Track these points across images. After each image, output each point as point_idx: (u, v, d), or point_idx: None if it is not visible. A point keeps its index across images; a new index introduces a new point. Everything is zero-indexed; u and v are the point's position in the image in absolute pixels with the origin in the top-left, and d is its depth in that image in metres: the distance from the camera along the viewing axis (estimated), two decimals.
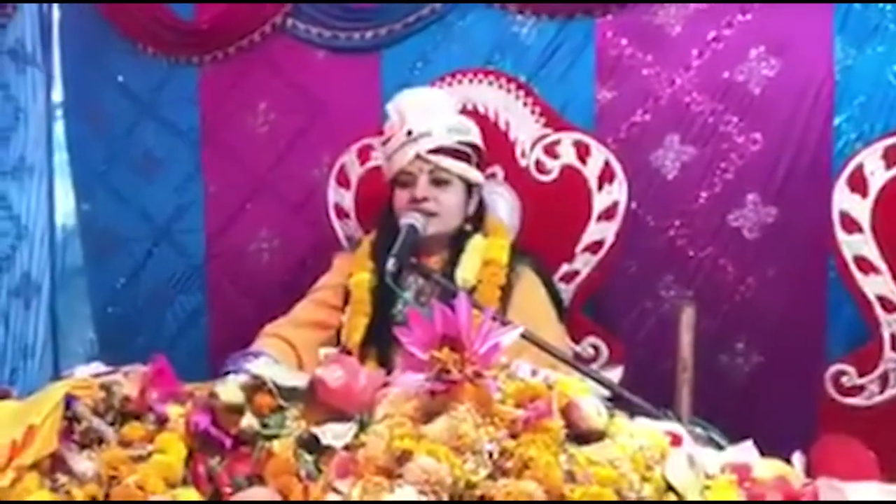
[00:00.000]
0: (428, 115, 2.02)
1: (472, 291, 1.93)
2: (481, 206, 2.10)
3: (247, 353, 1.69)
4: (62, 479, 1.27)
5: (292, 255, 2.82)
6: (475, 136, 2.07)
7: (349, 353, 1.94)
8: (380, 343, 1.95)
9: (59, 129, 3.10)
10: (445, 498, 1.10)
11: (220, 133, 2.89)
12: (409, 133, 1.99)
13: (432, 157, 1.99)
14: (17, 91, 2.89)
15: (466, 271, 1.97)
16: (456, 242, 2.03)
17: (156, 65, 2.91)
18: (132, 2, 2.84)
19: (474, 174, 2.05)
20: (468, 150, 2.04)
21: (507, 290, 1.98)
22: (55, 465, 1.28)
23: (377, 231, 2.10)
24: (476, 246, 2.02)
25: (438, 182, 2.00)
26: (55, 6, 3.01)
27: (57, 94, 3.07)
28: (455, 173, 2.00)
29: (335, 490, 1.17)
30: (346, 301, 2.05)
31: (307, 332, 2.02)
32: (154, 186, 2.97)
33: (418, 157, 1.99)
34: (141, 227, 3.00)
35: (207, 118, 2.90)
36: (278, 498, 1.21)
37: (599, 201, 2.24)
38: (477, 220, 2.07)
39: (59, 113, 3.09)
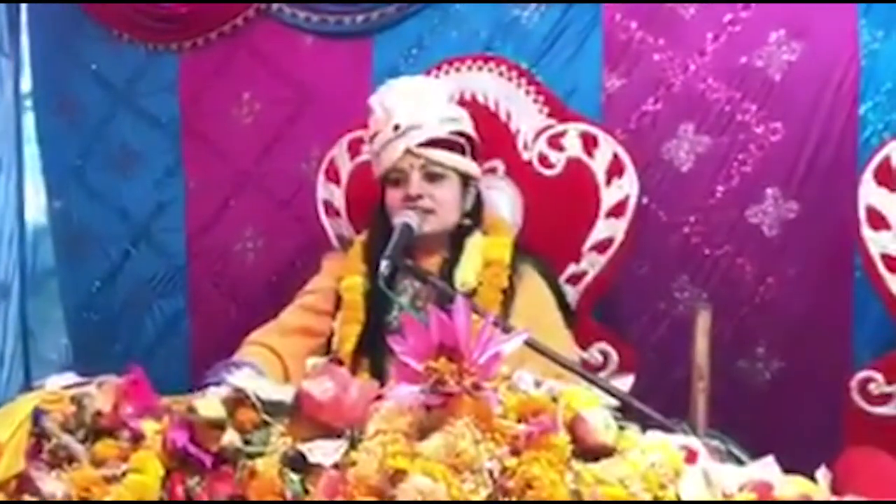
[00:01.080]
0: (415, 105, 2.00)
1: (471, 294, 1.92)
2: (479, 200, 2.09)
3: (229, 364, 1.68)
4: (30, 500, 1.25)
5: (279, 255, 2.81)
6: (467, 125, 2.05)
7: (340, 362, 1.92)
8: (373, 352, 1.94)
9: (28, 121, 3.09)
10: None
11: (202, 125, 2.89)
12: (397, 127, 1.97)
13: (424, 151, 1.97)
14: None
15: (466, 273, 1.96)
16: (454, 241, 2.02)
17: (132, 52, 2.90)
18: None
19: (470, 166, 2.03)
20: (461, 140, 2.02)
21: (509, 293, 1.97)
22: (22, 485, 1.28)
23: (369, 232, 2.09)
24: (476, 245, 2.01)
25: (432, 177, 1.98)
26: None
27: (26, 84, 3.06)
28: (449, 166, 1.99)
29: None
30: (336, 306, 2.03)
31: (295, 340, 2.00)
32: (131, 182, 2.97)
33: (408, 151, 1.97)
34: (117, 225, 3.00)
35: (188, 109, 2.89)
36: None
37: (608, 197, 2.22)
38: (475, 215, 2.06)
39: (28, 104, 3.07)
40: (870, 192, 2.08)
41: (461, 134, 2.03)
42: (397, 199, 1.99)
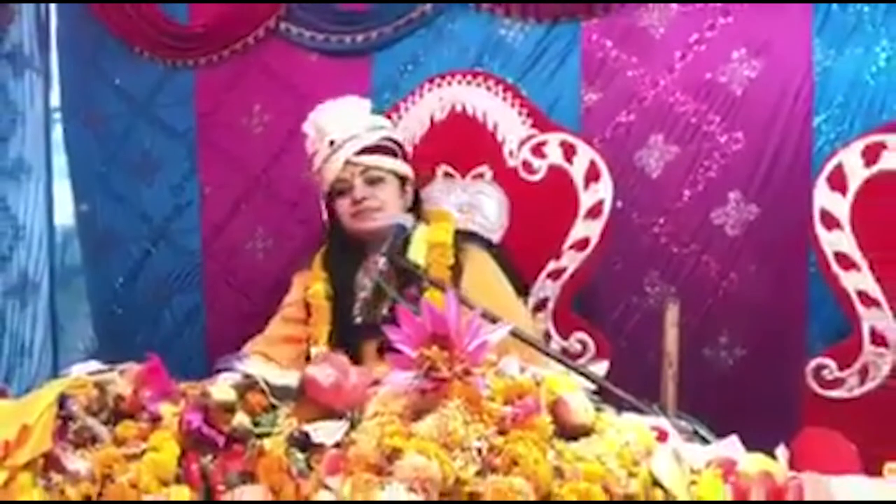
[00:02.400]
0: (344, 121, 2.01)
1: (424, 272, 1.89)
2: (417, 197, 2.09)
3: (239, 356, 1.66)
4: (56, 478, 1.24)
5: (286, 253, 2.79)
6: (393, 131, 2.08)
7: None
8: (345, 345, 1.92)
9: (57, 131, 3.07)
10: (435, 495, 1.08)
11: (216, 134, 2.87)
12: (332, 143, 1.98)
13: (361, 159, 1.97)
14: (15, 94, 2.86)
15: (414, 256, 1.94)
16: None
17: (152, 68, 2.88)
18: (129, 2, 2.80)
19: (403, 167, 2.04)
20: (392, 144, 2.03)
21: (456, 270, 1.96)
22: (49, 464, 1.26)
23: (327, 243, 2.10)
24: (421, 233, 1.99)
25: (373, 181, 1.98)
26: (53, 11, 2.97)
27: (55, 98, 3.04)
28: (386, 169, 2.00)
29: (326, 487, 1.15)
30: (308, 313, 2.04)
31: (282, 348, 2.01)
32: (151, 187, 2.95)
33: (348, 162, 1.97)
34: (139, 227, 2.98)
35: (203, 120, 2.87)
36: (270, 495, 1.19)
37: (585, 200, 2.22)
38: (416, 210, 2.06)
39: (57, 116, 3.06)
40: (823, 196, 2.07)
41: (391, 140, 2.04)
42: (346, 206, 1.99)
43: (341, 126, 2.00)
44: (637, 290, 2.51)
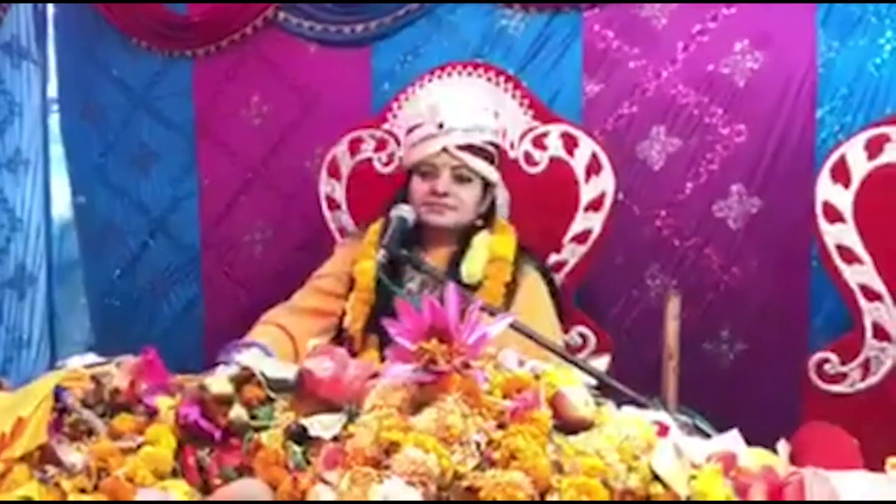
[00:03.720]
0: (461, 110, 1.96)
1: (477, 287, 1.89)
2: (493, 204, 2.05)
3: (239, 345, 1.65)
4: (51, 470, 1.24)
5: (285, 245, 2.79)
6: (498, 136, 2.03)
7: (351, 340, 1.91)
8: (381, 331, 1.91)
9: (54, 123, 3.06)
10: (433, 489, 1.08)
11: (215, 126, 2.86)
12: (441, 125, 1.94)
13: (460, 154, 1.93)
14: (13, 85, 2.85)
15: (473, 265, 1.93)
16: (463, 237, 1.98)
17: (150, 59, 2.87)
18: None
19: (494, 174, 2.00)
20: (492, 149, 1.99)
21: (511, 288, 1.93)
22: (44, 456, 1.26)
23: (385, 219, 2.02)
24: (483, 241, 1.96)
25: (461, 179, 1.94)
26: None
27: (52, 89, 3.03)
28: (478, 172, 1.95)
29: (323, 481, 1.15)
30: (349, 288, 1.99)
31: (306, 320, 1.97)
32: (149, 179, 2.94)
33: (445, 150, 1.93)
34: (137, 219, 2.97)
35: (201, 111, 2.86)
36: (267, 488, 1.19)
37: (587, 192, 2.21)
38: (488, 218, 2.02)
39: (54, 107, 3.04)
40: (826, 189, 2.07)
41: (493, 144, 1.99)
42: (424, 190, 1.95)
43: (458, 114, 1.95)
44: (638, 284, 2.50)
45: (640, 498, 1.12)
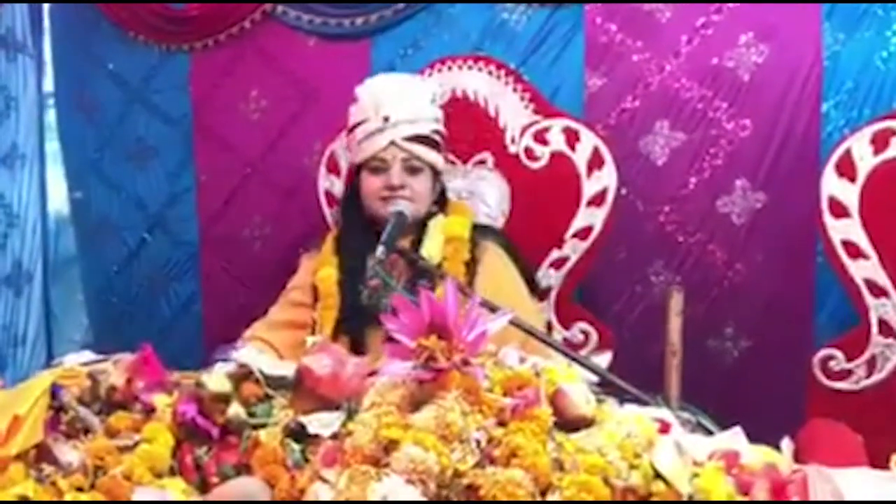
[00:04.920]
0: (405, 101, 1.99)
1: (437, 267, 1.91)
2: (443, 189, 2.09)
3: (235, 345, 1.66)
4: (47, 469, 1.24)
5: (284, 241, 2.78)
6: (440, 122, 2.06)
7: None
8: (351, 332, 1.95)
9: (50, 117, 3.05)
10: (433, 487, 1.08)
11: (212, 120, 2.85)
12: (386, 119, 1.96)
13: (408, 145, 1.97)
14: (8, 79, 2.84)
15: (430, 248, 1.96)
16: (421, 225, 2.02)
17: (147, 52, 2.86)
18: None
19: (441, 162, 2.05)
20: (438, 137, 2.03)
21: (471, 265, 1.97)
22: (41, 455, 1.26)
23: (343, 222, 2.10)
24: (438, 224, 2.00)
25: (412, 170, 1.98)
26: None
27: (48, 83, 3.03)
28: (427, 161, 1.99)
29: (322, 479, 1.15)
30: (315, 298, 2.04)
31: (283, 333, 2.01)
32: (146, 174, 2.93)
33: (393, 143, 1.96)
34: (134, 215, 2.96)
35: (199, 106, 2.85)
36: (265, 486, 1.19)
37: (589, 187, 2.21)
38: (440, 202, 2.06)
39: (50, 101, 3.04)
40: (831, 184, 2.06)
41: (438, 132, 2.03)
42: (377, 185, 1.98)
43: (401, 105, 1.98)
44: (641, 280, 2.50)
45: (642, 496, 1.12)
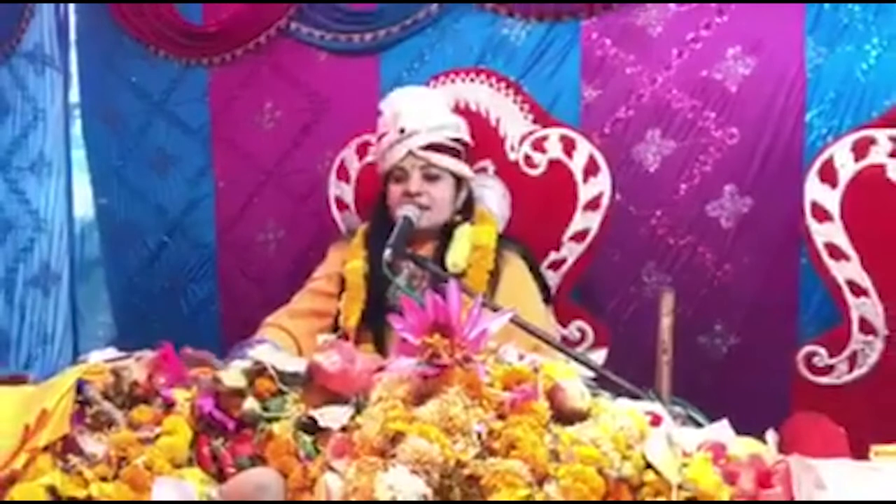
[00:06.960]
0: (420, 113, 2.00)
1: (461, 275, 1.91)
2: (470, 197, 2.07)
3: (251, 342, 1.66)
4: (74, 460, 1.25)
5: (297, 245, 2.80)
6: (464, 133, 2.06)
7: (346, 336, 1.92)
8: (374, 326, 1.94)
9: (76, 127, 3.07)
10: (436, 477, 1.08)
11: (230, 131, 2.87)
12: (402, 131, 1.97)
13: (424, 154, 1.96)
14: (36, 92, 2.87)
15: (456, 256, 1.95)
16: (446, 232, 2.01)
17: (167, 66, 2.88)
18: (145, 2, 2.80)
19: (463, 169, 2.02)
20: (458, 146, 2.02)
21: (495, 275, 1.96)
22: (67, 446, 1.27)
23: (371, 222, 2.08)
24: (465, 233, 1.99)
25: (430, 177, 1.97)
26: (71, 11, 2.97)
27: (74, 95, 3.05)
28: (445, 168, 1.98)
29: (332, 469, 1.16)
30: (341, 288, 2.02)
31: (305, 321, 2.00)
32: (167, 181, 2.95)
33: (410, 153, 1.96)
34: (155, 220, 2.98)
35: (217, 117, 2.87)
36: (279, 476, 1.20)
37: (585, 193, 2.21)
38: (466, 211, 2.05)
39: (76, 113, 3.06)
40: (814, 189, 2.06)
41: (458, 140, 2.02)
42: (398, 194, 1.98)
43: (416, 116, 1.98)
44: (634, 280, 2.50)
45: (634, 485, 1.12)
